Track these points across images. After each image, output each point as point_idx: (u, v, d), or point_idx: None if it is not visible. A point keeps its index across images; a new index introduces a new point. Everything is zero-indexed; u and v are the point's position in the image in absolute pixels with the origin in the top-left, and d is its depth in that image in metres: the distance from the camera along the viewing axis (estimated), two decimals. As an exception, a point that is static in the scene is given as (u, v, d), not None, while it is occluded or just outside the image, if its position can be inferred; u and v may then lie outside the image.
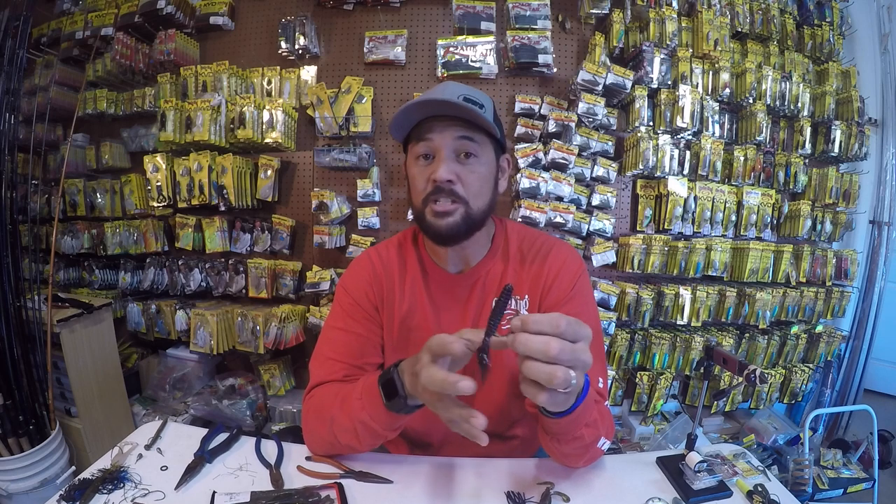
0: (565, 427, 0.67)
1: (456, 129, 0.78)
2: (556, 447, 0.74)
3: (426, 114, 0.78)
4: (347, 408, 0.75)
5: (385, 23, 1.92)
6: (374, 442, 0.77)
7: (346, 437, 0.77)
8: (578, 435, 0.70)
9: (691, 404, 2.09)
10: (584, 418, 0.68)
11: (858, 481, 1.75)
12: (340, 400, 0.77)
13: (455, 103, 0.74)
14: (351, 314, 0.89)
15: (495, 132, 0.81)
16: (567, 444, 0.71)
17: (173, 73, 1.98)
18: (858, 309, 2.27)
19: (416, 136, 0.80)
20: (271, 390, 2.01)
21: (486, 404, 0.90)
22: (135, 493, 0.74)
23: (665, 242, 1.93)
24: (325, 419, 0.79)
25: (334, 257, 1.98)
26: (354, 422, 0.74)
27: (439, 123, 0.78)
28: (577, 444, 0.72)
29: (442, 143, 0.78)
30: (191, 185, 1.87)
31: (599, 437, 0.74)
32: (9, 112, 1.61)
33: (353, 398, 0.74)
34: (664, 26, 1.87)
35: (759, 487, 0.80)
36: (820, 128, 2.10)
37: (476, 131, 0.79)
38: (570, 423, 0.66)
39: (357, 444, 0.77)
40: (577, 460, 0.79)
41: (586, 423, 0.69)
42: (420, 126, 0.80)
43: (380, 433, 0.73)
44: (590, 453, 0.77)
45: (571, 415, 0.63)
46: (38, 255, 1.81)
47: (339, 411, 0.76)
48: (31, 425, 1.54)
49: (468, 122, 0.78)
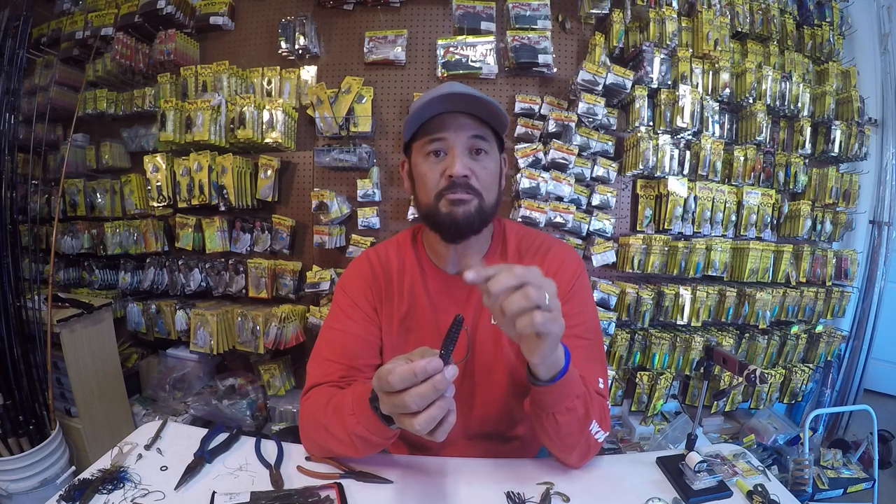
0: (558, 396, 0.69)
1: (469, 129, 0.80)
2: (552, 427, 0.73)
3: (445, 108, 0.79)
4: (342, 421, 0.73)
5: (385, 23, 1.92)
6: (372, 451, 0.77)
7: (342, 448, 0.76)
8: (572, 406, 0.71)
9: (691, 404, 2.09)
10: (573, 388, 0.70)
11: (858, 481, 1.75)
12: (332, 410, 0.76)
13: (478, 95, 0.76)
14: (349, 315, 0.89)
15: (506, 126, 0.83)
16: (562, 415, 0.71)
17: (173, 73, 1.98)
18: (858, 309, 2.27)
19: (426, 134, 0.81)
20: (271, 390, 2.01)
21: (487, 405, 0.90)
22: (135, 494, 0.74)
23: (665, 242, 1.93)
24: (318, 426, 0.78)
25: (334, 257, 1.98)
26: (351, 436, 0.72)
27: (452, 122, 0.79)
28: (572, 418, 0.72)
29: (456, 140, 0.79)
30: (191, 185, 1.87)
31: (591, 417, 0.74)
32: (9, 112, 1.61)
33: (346, 413, 0.72)
34: (664, 26, 1.87)
35: (759, 487, 0.80)
36: (820, 128, 2.10)
37: (486, 130, 0.81)
38: (562, 389, 0.68)
39: (354, 454, 0.77)
40: (573, 445, 0.77)
41: (577, 394, 0.71)
42: (430, 124, 0.80)
43: (379, 443, 0.73)
44: (584, 437, 0.76)
45: (560, 381, 0.66)
46: (38, 255, 1.81)
47: (332, 422, 0.75)
48: (31, 425, 1.54)
49: (479, 121, 0.80)
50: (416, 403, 0.53)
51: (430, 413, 0.53)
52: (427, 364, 0.52)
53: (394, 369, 0.54)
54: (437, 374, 0.53)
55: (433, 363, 0.53)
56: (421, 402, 0.53)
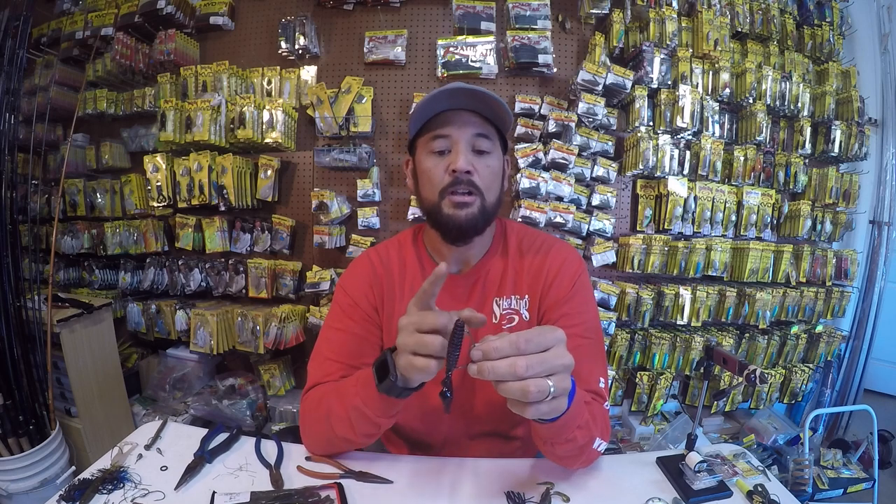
0: (556, 431, 0.67)
1: (473, 127, 0.80)
2: (549, 450, 0.74)
3: (449, 104, 0.80)
4: (343, 397, 0.75)
5: (385, 23, 1.92)
6: (368, 430, 0.76)
7: (341, 427, 0.76)
8: (571, 437, 0.69)
9: (691, 404, 2.09)
10: (574, 421, 0.67)
11: (858, 481, 1.75)
12: (337, 394, 0.78)
13: (482, 91, 0.77)
14: (350, 315, 0.88)
15: (509, 125, 0.84)
16: (560, 446, 0.71)
17: (173, 73, 1.98)
18: (858, 309, 2.27)
19: (430, 130, 0.81)
20: (271, 390, 2.01)
21: (488, 404, 0.90)
22: (135, 494, 0.74)
23: (665, 242, 1.93)
24: (321, 415, 0.79)
25: (334, 257, 1.98)
26: (348, 409, 0.74)
27: (457, 119, 0.80)
28: (570, 447, 0.71)
29: (460, 136, 0.80)
30: (191, 185, 1.87)
31: (593, 438, 0.74)
32: (9, 112, 1.61)
33: (349, 385, 0.75)
34: (664, 26, 1.87)
35: (759, 487, 0.80)
36: (820, 128, 2.10)
37: (490, 129, 0.82)
38: (561, 427, 0.66)
39: (352, 435, 0.77)
40: (572, 462, 0.79)
41: (578, 425, 0.68)
42: (434, 121, 0.81)
43: (373, 419, 0.73)
44: (585, 455, 0.76)
45: (560, 420, 0.63)
46: (38, 255, 1.81)
47: (335, 402, 0.77)
48: (31, 425, 1.54)
49: (484, 120, 0.81)
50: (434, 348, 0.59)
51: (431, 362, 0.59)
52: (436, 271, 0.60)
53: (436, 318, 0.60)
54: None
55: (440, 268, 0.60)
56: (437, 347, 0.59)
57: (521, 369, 0.51)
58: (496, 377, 0.52)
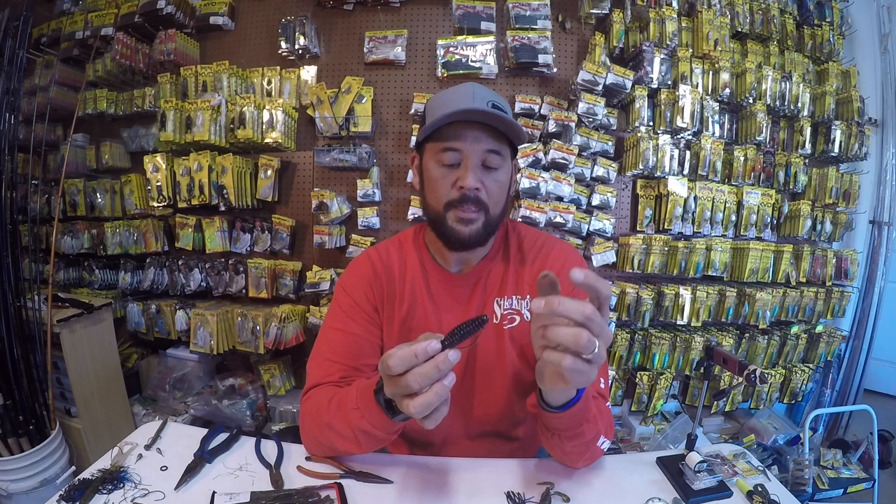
0: (567, 422, 0.68)
1: (486, 143, 0.78)
2: (557, 445, 0.74)
3: (469, 117, 0.78)
4: (345, 416, 0.73)
5: (385, 23, 1.92)
6: (376, 446, 0.76)
7: (344, 444, 0.76)
8: (580, 431, 0.70)
9: (691, 404, 2.09)
10: (585, 412, 0.68)
11: (858, 481, 1.75)
12: (335, 406, 0.75)
13: (502, 116, 0.75)
14: (350, 315, 0.88)
15: (522, 140, 0.83)
16: (568, 441, 0.71)
17: (173, 73, 1.98)
18: (858, 309, 2.27)
19: (442, 140, 0.79)
20: (271, 390, 2.01)
21: (488, 404, 0.90)
22: (135, 494, 0.74)
23: (665, 242, 1.93)
24: (321, 425, 0.78)
25: (334, 257, 1.98)
26: (355, 431, 0.72)
27: (470, 132, 0.78)
28: (579, 442, 0.72)
29: (471, 153, 0.78)
30: (191, 185, 1.87)
31: (599, 434, 0.75)
32: (9, 112, 1.61)
33: (350, 408, 0.72)
34: (664, 26, 1.87)
35: (759, 487, 0.80)
36: (820, 128, 2.10)
37: (502, 144, 0.80)
38: (572, 417, 0.67)
39: (357, 450, 0.77)
40: (577, 459, 0.79)
41: (587, 418, 0.70)
42: (448, 130, 0.79)
43: (383, 438, 0.73)
44: (590, 451, 0.77)
45: (573, 408, 0.64)
46: (38, 255, 1.81)
47: (335, 418, 0.75)
48: (31, 425, 1.54)
49: (497, 134, 0.79)
50: (418, 383, 0.54)
51: (428, 397, 0.54)
52: (427, 346, 0.54)
53: (395, 352, 0.55)
54: (436, 354, 0.54)
55: (432, 345, 0.54)
56: (423, 380, 0.54)
57: (588, 310, 0.50)
58: (563, 312, 0.50)
